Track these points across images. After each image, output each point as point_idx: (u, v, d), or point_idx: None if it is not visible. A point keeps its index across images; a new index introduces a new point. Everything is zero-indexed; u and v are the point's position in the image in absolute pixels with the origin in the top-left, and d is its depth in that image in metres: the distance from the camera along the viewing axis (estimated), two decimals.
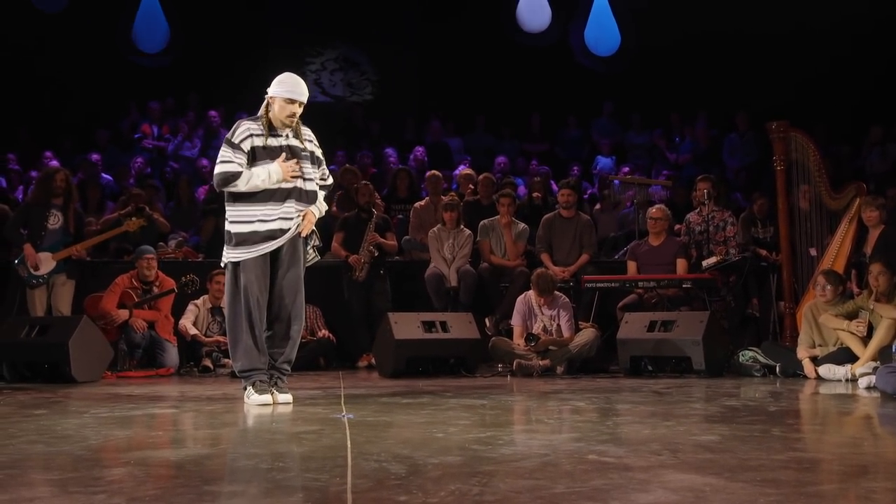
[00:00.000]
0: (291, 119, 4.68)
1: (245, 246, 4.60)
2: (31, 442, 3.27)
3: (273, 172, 4.59)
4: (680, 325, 6.56)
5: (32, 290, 7.56)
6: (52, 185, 7.66)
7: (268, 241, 4.61)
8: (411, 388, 5.65)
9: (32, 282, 7.52)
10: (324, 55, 13.94)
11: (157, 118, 12.17)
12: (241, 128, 4.65)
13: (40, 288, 7.57)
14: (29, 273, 7.50)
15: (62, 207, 7.68)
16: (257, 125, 4.68)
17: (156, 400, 5.17)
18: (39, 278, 7.52)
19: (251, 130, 4.65)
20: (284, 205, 4.65)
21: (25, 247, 7.48)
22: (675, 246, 7.77)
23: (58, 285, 7.62)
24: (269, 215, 4.62)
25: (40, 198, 7.75)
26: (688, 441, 3.26)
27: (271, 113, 4.68)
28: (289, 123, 4.69)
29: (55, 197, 7.67)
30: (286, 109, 4.65)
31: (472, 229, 8.32)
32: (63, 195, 7.69)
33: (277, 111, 4.66)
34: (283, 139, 4.71)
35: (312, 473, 2.60)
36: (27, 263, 7.48)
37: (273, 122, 4.68)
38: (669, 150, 11.68)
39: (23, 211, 7.99)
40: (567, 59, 13.44)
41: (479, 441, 3.25)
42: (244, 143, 4.61)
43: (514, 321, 7.27)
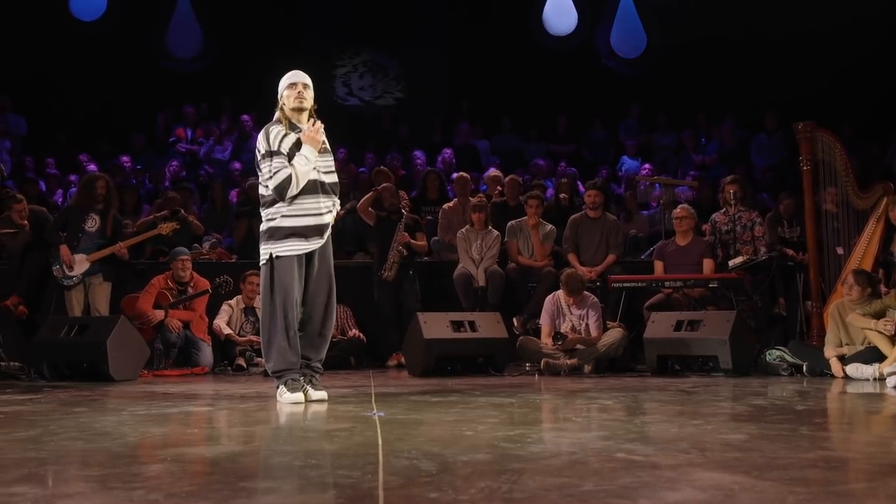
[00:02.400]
0: (300, 101, 4.74)
1: (282, 241, 4.68)
2: (72, 439, 3.37)
3: (307, 154, 4.66)
4: (706, 325, 6.59)
5: (69, 291, 7.73)
6: (93, 191, 7.86)
7: (304, 239, 4.69)
8: (440, 387, 5.72)
9: (66, 282, 7.70)
10: (353, 59, 14.07)
11: (191, 122, 12.36)
12: (273, 134, 4.72)
13: (76, 288, 7.74)
14: (63, 273, 7.68)
15: (101, 212, 7.86)
16: (280, 126, 4.75)
17: (191, 398, 5.28)
18: (73, 278, 7.69)
19: (281, 132, 4.72)
20: (314, 199, 4.72)
21: (61, 248, 7.66)
22: (702, 246, 7.79)
23: (94, 286, 7.79)
24: (302, 210, 4.69)
25: (81, 202, 7.95)
26: (716, 440, 3.30)
27: (285, 111, 4.77)
28: (299, 105, 4.74)
29: (96, 202, 7.86)
30: (292, 95, 4.75)
31: (500, 230, 8.39)
32: (104, 201, 7.88)
33: (287, 103, 4.77)
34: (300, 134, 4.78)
35: (344, 470, 2.67)
36: (62, 264, 7.65)
37: (291, 120, 4.77)
38: (696, 151, 11.68)
39: (63, 214, 8.19)
40: (593, 62, 13.47)
41: (507, 439, 3.31)
42: (283, 145, 4.68)
43: (542, 321, 7.34)
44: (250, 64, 12.39)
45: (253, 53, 12.47)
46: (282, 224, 4.69)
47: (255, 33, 12.78)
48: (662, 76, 12.69)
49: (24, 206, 8.36)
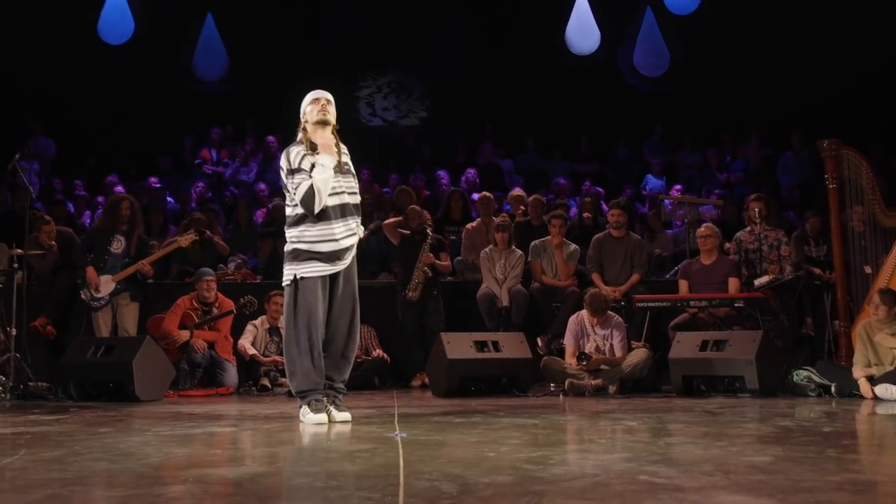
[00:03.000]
0: (324, 114, 4.76)
1: (307, 263, 4.71)
2: (96, 459, 3.39)
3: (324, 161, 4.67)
4: (732, 345, 6.54)
5: (96, 312, 7.80)
6: (118, 212, 7.95)
7: (328, 262, 4.71)
8: (464, 408, 5.71)
9: (93, 304, 7.77)
10: (377, 80, 14.16)
11: (217, 144, 12.49)
12: (294, 153, 4.76)
13: (104, 309, 7.81)
14: (91, 296, 7.76)
15: (126, 233, 7.93)
16: (302, 147, 4.78)
17: (215, 418, 5.29)
18: (100, 300, 7.77)
19: (302, 152, 4.76)
20: (339, 223, 4.75)
21: (87, 270, 7.74)
22: (727, 265, 7.74)
23: (122, 306, 7.86)
24: (326, 235, 4.72)
25: (106, 224, 8.03)
26: (740, 462, 3.26)
27: (307, 131, 4.80)
28: (322, 118, 4.75)
29: (121, 223, 7.94)
30: (315, 109, 4.78)
31: (524, 250, 8.38)
32: (128, 222, 7.96)
33: (310, 118, 4.79)
34: None
35: (365, 492, 2.67)
36: (89, 286, 7.73)
37: (312, 138, 4.79)
38: (720, 170, 11.64)
39: (89, 236, 8.29)
40: (616, 80, 13.48)
41: (530, 460, 3.29)
42: (303, 164, 4.71)
43: (566, 341, 7.31)
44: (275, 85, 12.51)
45: (277, 75, 12.60)
46: (306, 248, 4.71)
47: (280, 55, 12.93)
48: (686, 94, 12.67)
49: (52, 227, 8.46)
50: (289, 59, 12.87)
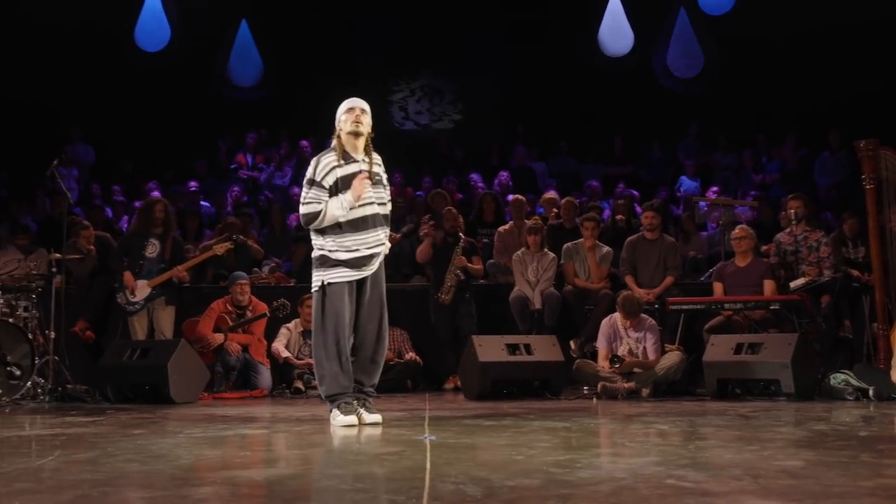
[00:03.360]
0: (357, 125, 4.77)
1: (334, 269, 4.74)
2: (128, 460, 3.44)
3: (345, 201, 4.71)
4: (767, 348, 6.46)
5: (132, 317, 7.87)
6: (151, 215, 8.01)
7: (355, 269, 4.75)
8: (495, 411, 5.70)
9: (129, 308, 7.85)
10: (410, 83, 14.21)
11: (252, 149, 12.60)
12: (321, 164, 4.78)
13: (139, 314, 7.87)
14: (127, 300, 7.84)
15: (160, 236, 8.00)
16: (334, 157, 4.79)
17: (248, 421, 5.34)
18: (136, 304, 7.84)
19: (331, 164, 4.77)
20: (369, 233, 4.79)
21: (124, 275, 7.82)
22: (762, 267, 7.65)
23: (158, 310, 7.93)
24: (355, 245, 4.75)
25: (140, 227, 8.10)
26: (771, 466, 3.22)
27: (341, 139, 4.81)
28: (355, 129, 4.76)
29: (154, 226, 8.00)
30: (349, 119, 4.78)
31: (556, 252, 8.35)
32: (162, 225, 8.02)
33: (344, 127, 4.80)
34: (360, 165, 4.82)
35: (390, 494, 2.68)
36: (125, 291, 7.81)
37: (345, 147, 4.81)
38: (756, 171, 11.51)
39: (125, 240, 8.38)
40: (650, 82, 13.39)
41: (557, 464, 3.28)
42: (326, 179, 4.74)
43: (598, 343, 7.27)
44: (308, 90, 12.63)
45: (311, 80, 12.70)
46: (333, 256, 4.75)
47: (314, 60, 13.02)
48: (721, 95, 12.55)
49: (90, 232, 8.58)
50: (322, 65, 12.97)
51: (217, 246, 8.41)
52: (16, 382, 6.83)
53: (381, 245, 4.86)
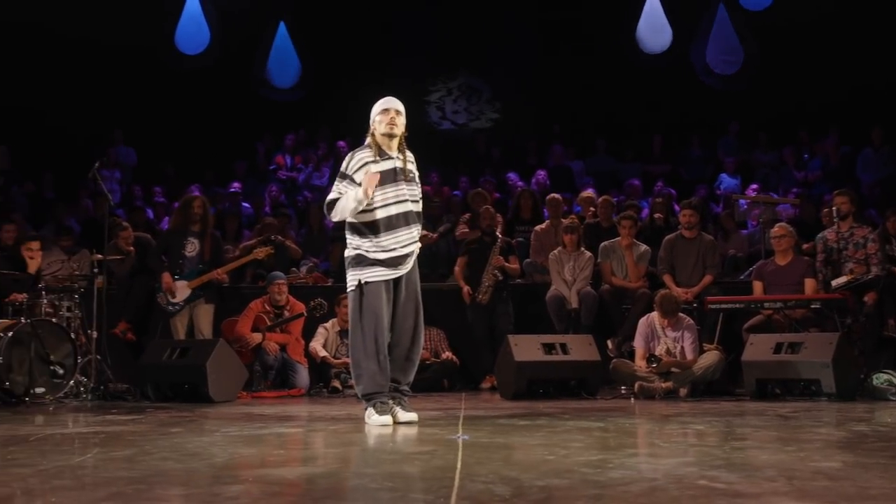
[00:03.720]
0: (391, 127, 4.79)
1: (370, 268, 4.76)
2: (163, 459, 3.48)
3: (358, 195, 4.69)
4: (808, 347, 6.36)
5: (172, 318, 7.92)
6: (189, 211, 8.03)
7: (390, 268, 4.77)
8: (531, 410, 5.68)
9: (169, 309, 7.90)
10: (447, 83, 14.22)
11: (290, 150, 12.70)
12: (355, 159, 4.83)
13: (180, 315, 7.91)
14: (167, 301, 7.90)
15: (199, 234, 8.01)
16: (369, 153, 4.83)
17: (284, 419, 5.38)
18: (175, 305, 7.89)
19: (364, 159, 4.81)
20: (404, 231, 4.80)
21: (163, 276, 7.86)
22: (803, 265, 7.54)
23: (198, 309, 7.96)
24: (392, 244, 4.77)
25: (178, 225, 8.12)
26: (806, 468, 3.17)
27: (376, 137, 4.84)
28: (389, 131, 4.79)
29: (193, 223, 8.00)
30: (384, 120, 4.81)
31: (594, 252, 8.31)
32: (200, 221, 8.03)
33: (378, 128, 4.83)
34: (394, 162, 4.85)
35: (418, 493, 2.68)
36: (164, 292, 7.87)
37: (381, 146, 4.83)
38: (797, 168, 11.34)
39: (164, 239, 8.43)
40: (689, 79, 13.25)
41: (588, 464, 3.26)
42: (358, 174, 4.77)
43: (636, 343, 7.22)
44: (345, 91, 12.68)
45: (348, 81, 12.76)
46: (371, 256, 4.77)
47: (351, 62, 13.08)
48: (761, 91, 12.39)
49: (129, 233, 8.69)
50: (359, 65, 13.03)
51: (257, 250, 8.43)
52: (59, 381, 6.96)
53: (415, 243, 4.88)
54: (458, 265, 8.47)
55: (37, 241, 7.84)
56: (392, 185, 4.81)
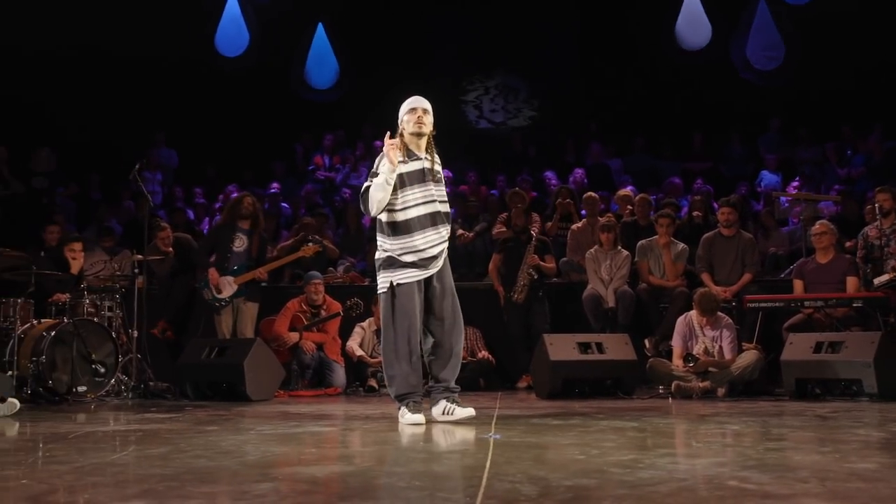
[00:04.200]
0: (420, 126, 4.81)
1: (401, 269, 4.78)
2: (196, 456, 3.52)
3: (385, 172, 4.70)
4: (849, 347, 6.26)
5: (218, 314, 7.92)
6: (239, 208, 8.06)
7: (420, 268, 4.78)
8: (565, 410, 5.66)
9: (216, 304, 7.91)
10: (485, 82, 14.20)
11: (329, 150, 12.78)
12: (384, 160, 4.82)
13: (225, 311, 7.93)
14: (213, 296, 7.91)
15: (248, 231, 8.04)
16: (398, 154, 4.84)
17: (319, 418, 5.41)
18: (222, 301, 7.91)
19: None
20: (430, 231, 4.81)
21: (210, 271, 7.87)
22: (845, 263, 7.42)
23: (242, 308, 7.98)
24: (422, 245, 4.78)
25: (228, 220, 8.14)
26: (841, 469, 3.12)
27: (404, 138, 4.85)
28: (418, 130, 4.81)
29: (242, 220, 8.03)
30: (412, 119, 4.83)
31: (632, 250, 8.25)
32: (250, 218, 8.06)
33: (406, 128, 4.85)
34: (423, 162, 4.86)
35: (445, 493, 2.68)
36: (210, 287, 7.90)
37: (409, 146, 4.84)
38: (840, 165, 11.15)
39: (212, 232, 8.45)
40: (729, 75, 13.09)
41: (619, 464, 3.24)
42: None
43: (673, 342, 7.16)
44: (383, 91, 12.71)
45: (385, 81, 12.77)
46: (401, 259, 4.79)
47: (389, 62, 13.12)
48: (803, 87, 12.20)
49: (168, 233, 8.80)
50: (397, 66, 13.06)
51: (305, 247, 8.45)
52: (100, 380, 7.09)
53: (444, 243, 4.89)
54: (493, 263, 8.46)
55: (79, 242, 7.98)
56: (420, 186, 4.82)
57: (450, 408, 4.83)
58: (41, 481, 2.99)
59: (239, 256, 7.97)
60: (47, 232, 8.61)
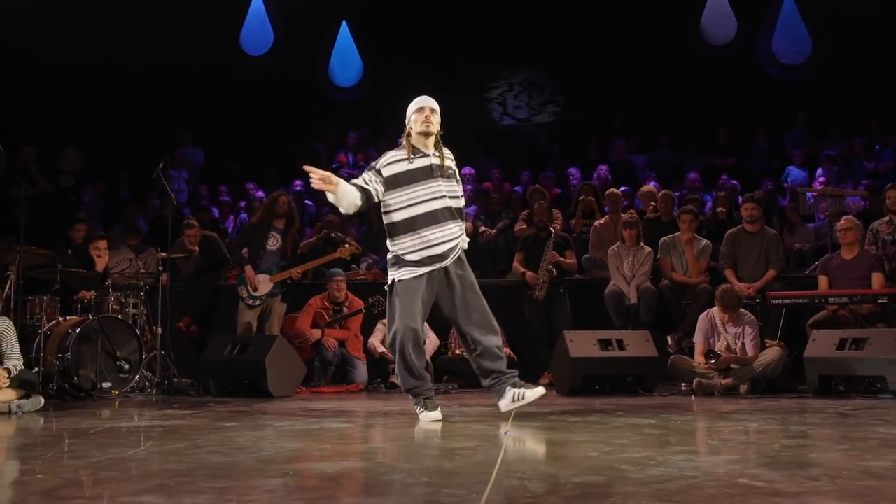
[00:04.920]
0: (427, 125, 4.81)
1: (406, 267, 4.79)
2: (212, 452, 3.56)
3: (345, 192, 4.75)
4: (873, 343, 6.19)
5: (246, 312, 7.91)
6: (275, 207, 8.07)
7: (425, 266, 4.78)
8: (585, 407, 5.65)
9: (250, 302, 7.89)
10: (509, 79, 14.17)
11: (353, 148, 12.83)
12: (385, 156, 4.88)
13: (255, 309, 7.92)
14: (249, 293, 7.89)
15: (282, 231, 8.05)
16: (401, 152, 4.87)
17: (338, 414, 5.44)
18: (258, 299, 7.90)
19: (393, 157, 4.85)
20: (436, 228, 4.79)
21: (246, 268, 7.84)
22: (870, 259, 7.33)
23: (273, 307, 7.98)
24: (422, 244, 4.77)
25: (263, 218, 8.14)
26: (854, 467, 3.08)
27: (411, 137, 4.85)
28: (425, 129, 4.81)
29: (277, 219, 8.05)
30: (419, 119, 4.83)
31: (654, 247, 8.21)
32: (285, 217, 8.07)
33: (413, 127, 4.85)
34: (430, 159, 4.86)
35: (452, 489, 2.69)
36: (247, 284, 7.88)
37: (415, 144, 4.84)
38: (868, 159, 11.00)
39: (246, 230, 8.45)
40: (754, 70, 12.96)
41: (630, 461, 3.23)
42: (385, 169, 4.81)
43: (695, 339, 7.12)
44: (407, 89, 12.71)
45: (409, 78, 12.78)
46: (407, 258, 4.79)
47: (412, 59, 13.13)
48: (830, 81, 12.05)
49: (194, 231, 8.87)
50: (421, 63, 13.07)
51: (342, 248, 8.43)
52: (125, 376, 7.19)
53: (455, 238, 4.85)
54: (516, 261, 8.46)
55: (104, 240, 8.08)
56: (426, 182, 4.81)
57: (519, 393, 4.84)
58: (57, 476, 3.04)
59: (271, 255, 7.98)
60: (74, 230, 8.73)
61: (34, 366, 6.67)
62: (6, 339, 6.11)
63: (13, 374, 5.93)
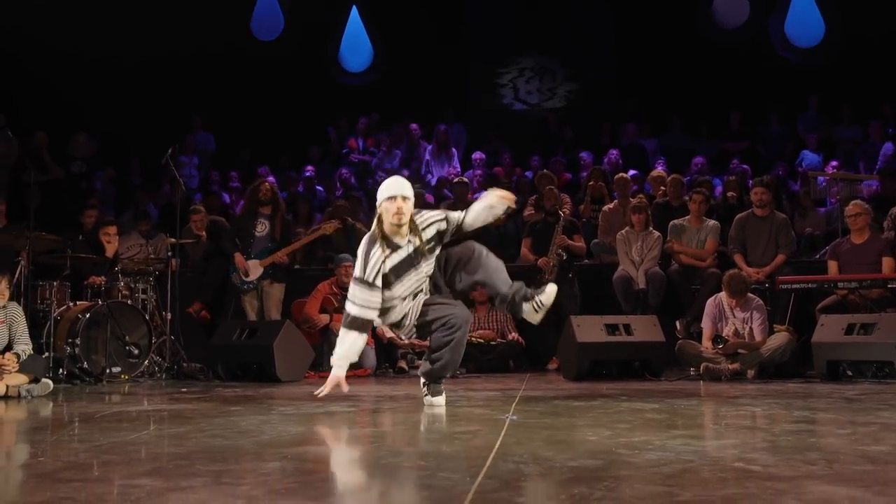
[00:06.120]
0: (399, 217, 4.52)
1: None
2: (214, 436, 3.58)
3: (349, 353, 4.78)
4: (881, 328, 6.16)
5: (245, 296, 8.17)
6: (257, 195, 8.24)
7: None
8: (590, 391, 5.65)
9: (244, 287, 8.14)
10: (519, 64, 14.11)
11: (363, 133, 12.83)
12: (370, 263, 4.56)
13: (252, 294, 8.17)
14: (241, 280, 8.13)
15: (269, 216, 8.22)
16: (377, 248, 4.57)
17: (344, 399, 5.43)
18: (250, 284, 8.12)
19: (377, 258, 4.56)
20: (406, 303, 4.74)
21: (235, 256, 8.09)
22: (881, 243, 7.28)
23: (267, 290, 8.19)
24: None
25: (248, 207, 8.35)
26: (852, 451, 3.08)
27: (384, 225, 4.58)
28: (397, 222, 4.53)
29: (262, 206, 8.22)
30: (391, 208, 4.52)
31: (663, 231, 8.18)
32: (270, 203, 8.23)
33: (385, 217, 4.56)
34: (405, 247, 4.63)
35: (447, 472, 2.70)
36: (238, 271, 8.10)
37: (388, 233, 4.58)
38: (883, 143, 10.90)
39: (236, 221, 8.66)
40: (767, 53, 12.85)
41: (628, 445, 3.23)
42: (378, 279, 4.56)
43: (703, 324, 7.09)
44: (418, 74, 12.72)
45: (420, 64, 12.78)
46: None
47: (422, 44, 13.10)
48: (844, 64, 11.94)
49: (201, 216, 8.91)
50: (432, 49, 13.04)
51: (325, 225, 8.58)
52: (135, 361, 7.23)
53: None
54: (524, 246, 8.45)
55: (113, 226, 8.12)
56: (408, 275, 4.64)
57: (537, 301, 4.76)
58: (58, 458, 3.07)
59: (261, 241, 8.19)
60: (85, 216, 8.78)
61: (45, 351, 6.72)
62: (16, 324, 6.18)
63: (22, 359, 5.99)
